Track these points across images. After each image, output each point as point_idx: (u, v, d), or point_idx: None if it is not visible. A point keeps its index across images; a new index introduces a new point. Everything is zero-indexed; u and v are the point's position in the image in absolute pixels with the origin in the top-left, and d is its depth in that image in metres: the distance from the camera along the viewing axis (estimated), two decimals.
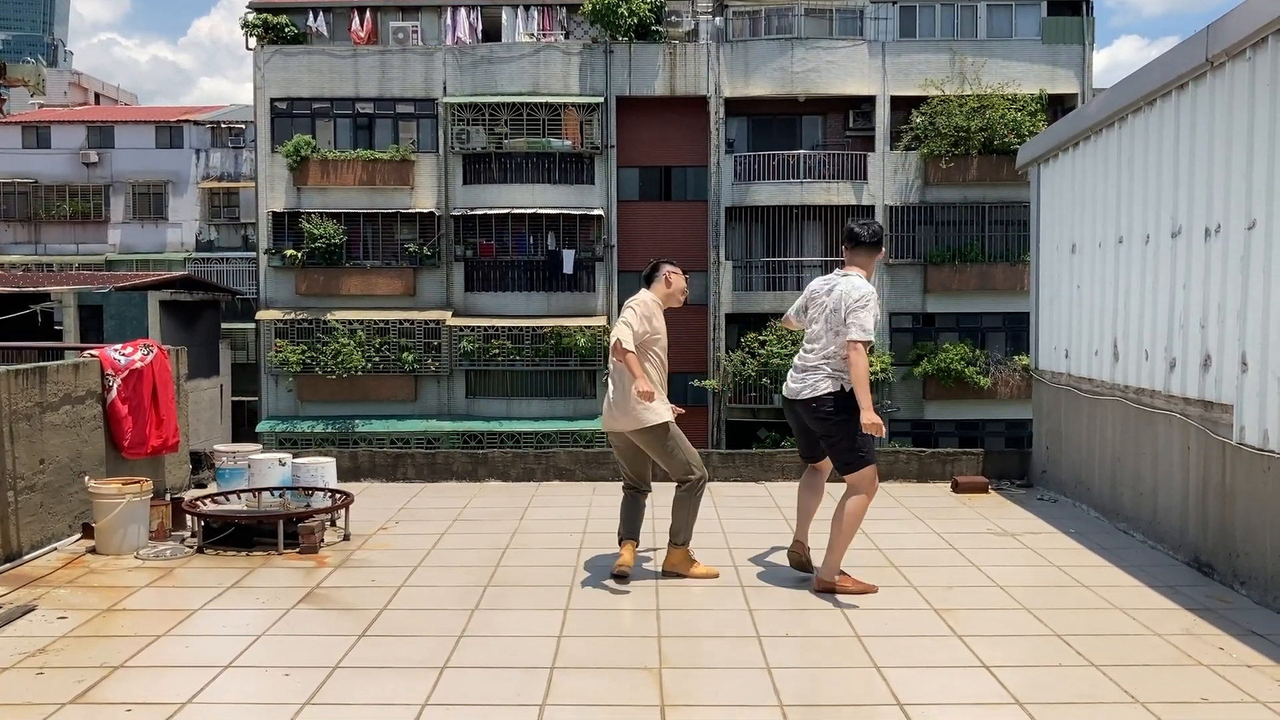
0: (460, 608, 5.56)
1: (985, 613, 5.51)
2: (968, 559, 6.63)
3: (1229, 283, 5.90)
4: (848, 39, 29.98)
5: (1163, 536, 6.83)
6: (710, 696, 4.35)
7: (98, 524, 6.68)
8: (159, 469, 8.11)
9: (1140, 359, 7.14)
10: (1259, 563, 5.66)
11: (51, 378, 6.89)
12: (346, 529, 7.18)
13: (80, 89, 58.24)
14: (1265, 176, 5.50)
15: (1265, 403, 5.52)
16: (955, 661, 4.77)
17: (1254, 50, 5.66)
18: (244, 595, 5.83)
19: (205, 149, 45.47)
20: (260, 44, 30.60)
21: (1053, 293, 9.05)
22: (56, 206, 44.60)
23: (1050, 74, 29.86)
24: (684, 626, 5.27)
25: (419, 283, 30.50)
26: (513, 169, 30.29)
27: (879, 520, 7.71)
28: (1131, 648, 4.94)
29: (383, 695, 4.35)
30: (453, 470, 9.57)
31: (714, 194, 30.18)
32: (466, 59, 30.27)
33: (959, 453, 9.54)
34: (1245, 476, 5.77)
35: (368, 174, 30.17)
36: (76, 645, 4.97)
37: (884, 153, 29.97)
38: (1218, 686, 4.44)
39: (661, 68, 30.19)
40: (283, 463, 7.76)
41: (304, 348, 29.87)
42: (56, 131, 45.35)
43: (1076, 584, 6.06)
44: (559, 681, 4.49)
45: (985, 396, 29.12)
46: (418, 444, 28.99)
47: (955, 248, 29.93)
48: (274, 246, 30.44)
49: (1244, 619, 5.34)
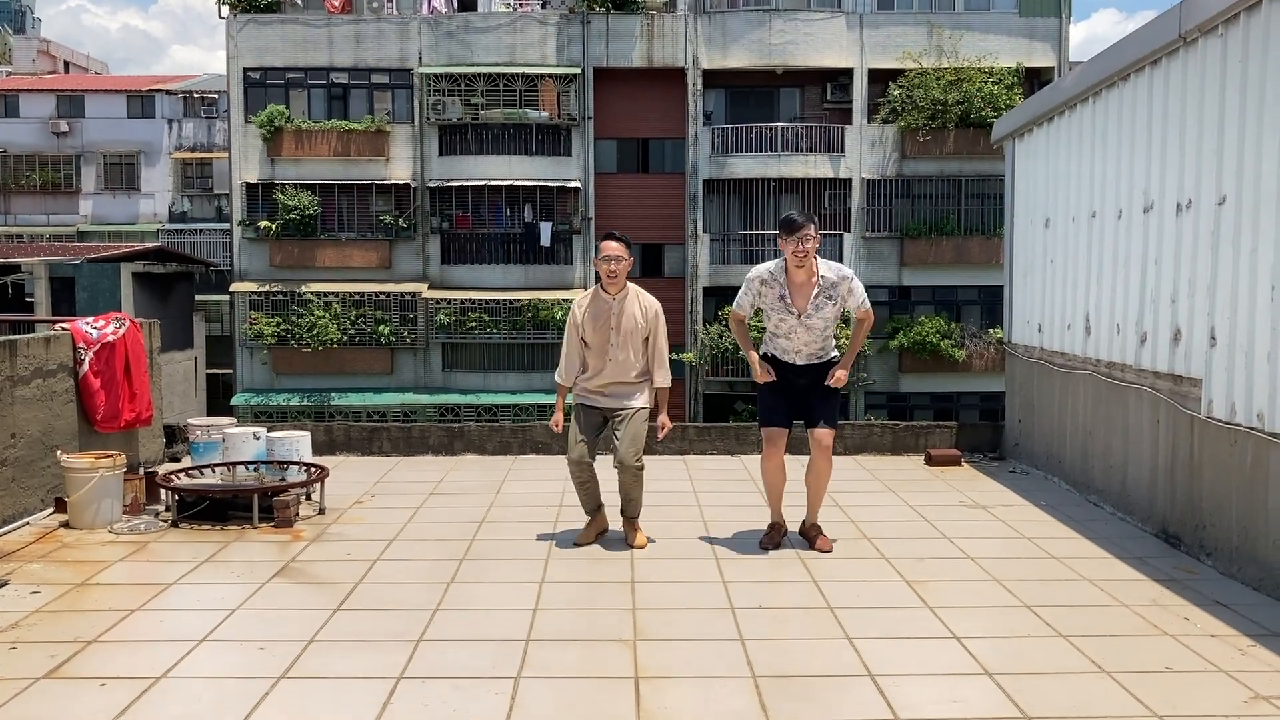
0: (436, 581, 5.58)
1: (956, 584, 5.58)
2: (940, 531, 6.70)
3: (1199, 258, 5.95)
4: (825, 11, 29.87)
5: (1132, 509, 6.92)
6: (684, 668, 4.39)
7: (70, 498, 6.65)
8: (132, 443, 8.06)
9: (1112, 333, 7.20)
10: (1224, 534, 5.75)
11: (22, 351, 6.83)
12: (322, 503, 7.17)
13: (49, 57, 57.32)
14: (1236, 152, 5.55)
15: (1233, 377, 5.59)
16: (926, 632, 4.83)
17: (1226, 26, 5.69)
18: (219, 569, 5.83)
19: (178, 119, 44.88)
20: (233, 12, 30.18)
21: (1026, 267, 9.10)
22: (26, 177, 43.98)
23: (1027, 47, 29.87)
24: (658, 599, 5.31)
25: (395, 255, 30.32)
26: (489, 140, 30.08)
27: (852, 493, 7.78)
28: (1099, 618, 5.01)
29: (358, 668, 4.37)
30: (429, 444, 9.56)
31: (692, 166, 30.09)
32: (442, 29, 29.98)
33: (933, 426, 9.61)
34: (1213, 449, 5.85)
35: (342, 145, 29.89)
36: (50, 620, 4.96)
37: (861, 125, 29.94)
38: (1183, 656, 4.52)
39: (639, 39, 30.02)
40: (257, 436, 7.73)
41: (279, 320, 29.67)
42: (25, 100, 44.65)
43: (1047, 555, 6.14)
44: (534, 654, 4.52)
45: (960, 369, 29.29)
46: (394, 417, 28.93)
47: (931, 221, 30.00)
48: (248, 218, 30.16)
49: (1209, 589, 5.43)
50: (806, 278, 6.01)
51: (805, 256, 5.93)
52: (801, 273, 6.00)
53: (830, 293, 6.02)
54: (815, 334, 6.07)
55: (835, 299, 6.03)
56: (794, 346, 6.12)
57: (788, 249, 5.95)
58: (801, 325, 6.03)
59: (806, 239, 5.88)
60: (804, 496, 6.34)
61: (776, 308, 6.06)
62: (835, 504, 7.38)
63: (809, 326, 6.04)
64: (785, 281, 6.03)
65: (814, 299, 5.99)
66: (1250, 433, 5.44)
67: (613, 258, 6.11)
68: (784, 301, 6.02)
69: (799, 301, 6.01)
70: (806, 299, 6.00)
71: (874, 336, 29.54)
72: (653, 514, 7.14)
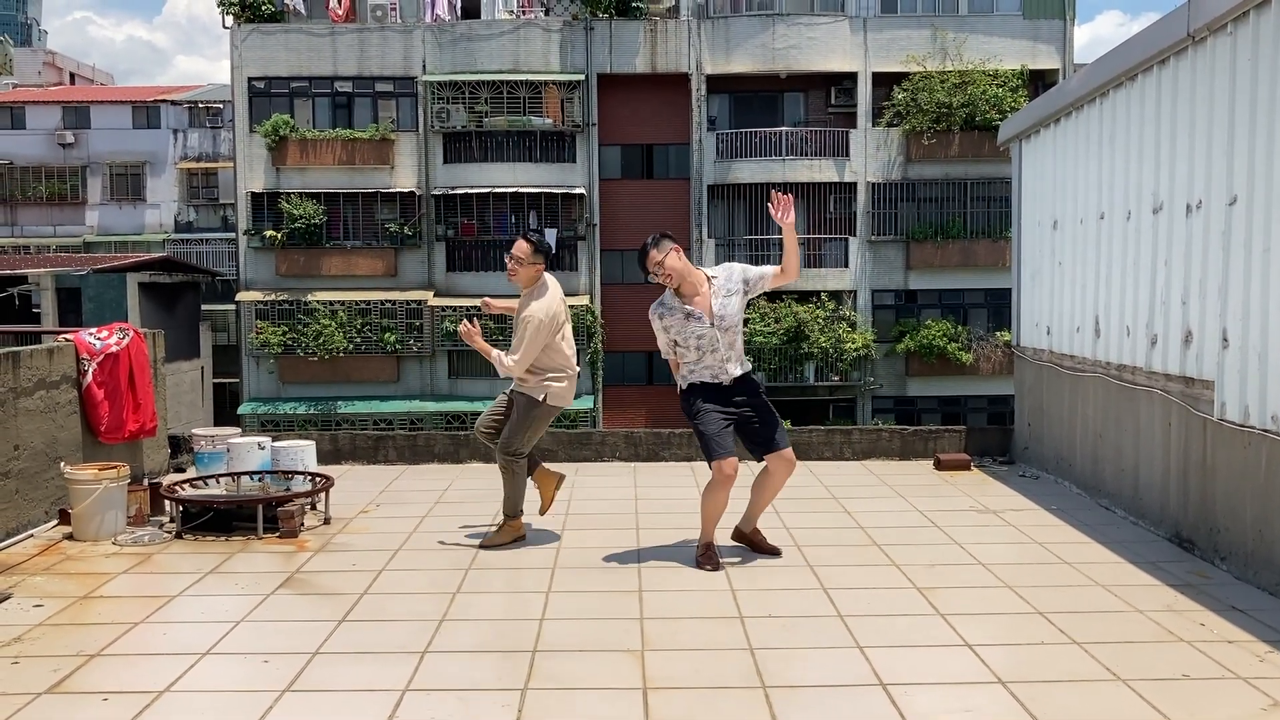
0: (441, 591, 5.53)
1: (968, 591, 5.52)
2: (950, 537, 6.64)
3: (1210, 259, 5.89)
4: (829, 15, 29.85)
5: (1144, 512, 6.85)
6: (693, 678, 4.33)
7: (74, 510, 6.61)
8: (136, 454, 8.03)
9: (1122, 335, 7.14)
10: (1239, 538, 5.68)
11: (25, 362, 6.80)
12: (327, 512, 7.13)
13: (55, 69, 57.52)
14: (1246, 152, 5.49)
15: (1245, 379, 5.52)
16: (938, 640, 4.77)
17: (1235, 25, 5.63)
18: (223, 581, 5.78)
19: (183, 129, 45.00)
20: (237, 22, 30.26)
21: (1034, 269, 9.04)
22: (33, 188, 44.10)
23: (1032, 49, 29.81)
24: (666, 608, 5.25)
25: (400, 263, 30.33)
26: (493, 148, 30.09)
27: (861, 499, 7.72)
28: (1113, 624, 4.95)
29: (363, 680, 4.32)
30: (434, 452, 9.52)
31: (696, 172, 30.07)
32: (446, 36, 30.01)
33: (941, 430, 9.54)
34: (1226, 452, 5.78)
35: (347, 153, 29.92)
36: (53, 633, 4.92)
37: (866, 129, 29.90)
38: (1199, 662, 4.45)
39: (642, 44, 30.01)
40: (262, 446, 7.70)
41: (285, 329, 29.69)
42: (31, 112, 44.80)
43: (1059, 561, 6.07)
44: (541, 664, 4.47)
45: (968, 373, 29.22)
46: (400, 425, 28.91)
47: (937, 224, 29.93)
48: (253, 227, 30.20)
49: (1224, 594, 5.36)
50: (695, 287, 5.93)
51: (669, 277, 5.88)
52: (689, 286, 5.92)
53: (727, 287, 5.94)
54: (734, 333, 5.95)
55: (733, 290, 5.94)
56: (720, 359, 5.96)
57: (655, 278, 5.95)
58: (719, 330, 5.90)
59: (656, 265, 5.87)
60: (800, 502, 6.26)
61: (691, 329, 5.92)
62: (844, 510, 7.33)
63: (726, 328, 5.91)
64: (680, 304, 5.93)
65: (716, 299, 5.91)
66: (1265, 435, 5.37)
67: (514, 256, 6.57)
68: (693, 319, 5.91)
69: (705, 308, 5.91)
70: (708, 302, 5.91)
71: (881, 340, 29.49)
72: (658, 521, 7.10)
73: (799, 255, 6.06)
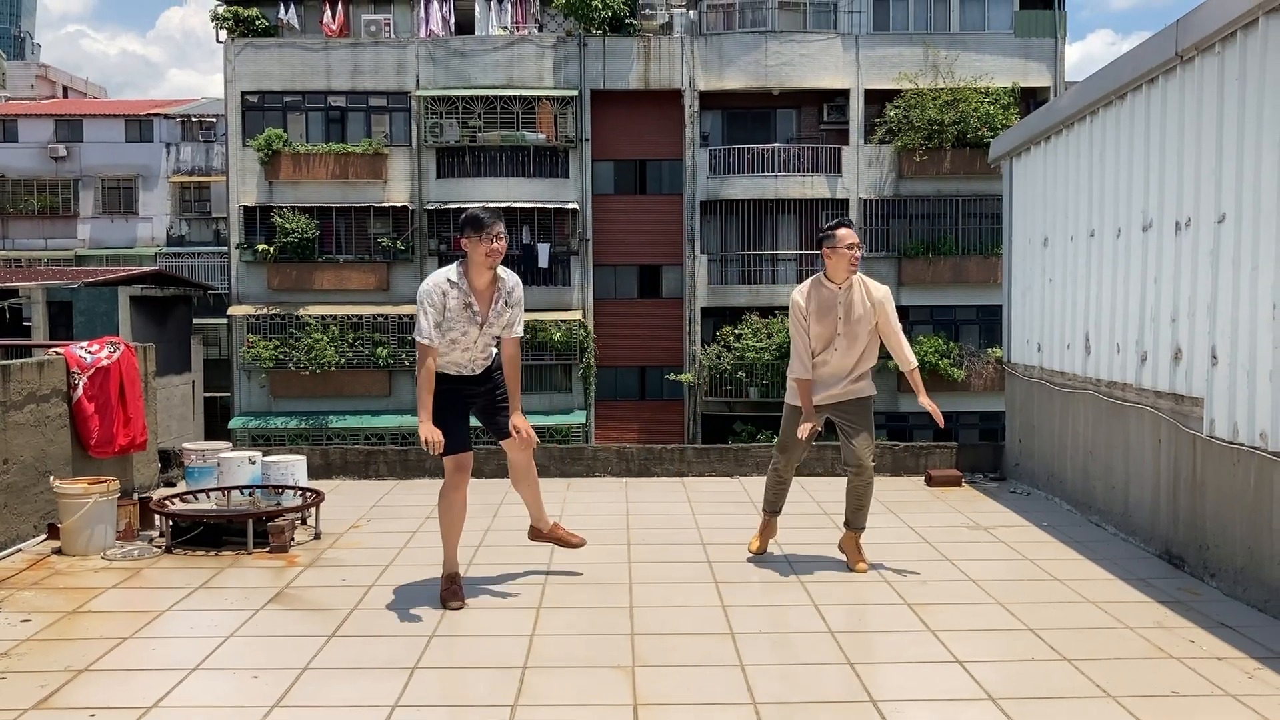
0: (432, 607, 5.51)
1: (959, 607, 5.52)
2: (941, 553, 6.64)
3: (1199, 277, 5.92)
4: (821, 32, 30.01)
5: (1134, 529, 6.87)
6: (684, 695, 4.32)
7: (63, 524, 6.59)
8: (126, 468, 8.00)
9: (1112, 352, 7.17)
10: (1229, 555, 5.70)
11: (15, 376, 6.78)
12: (317, 528, 7.11)
13: (48, 82, 57.47)
14: (1234, 170, 5.52)
15: (1235, 396, 5.54)
16: (929, 657, 4.76)
17: (1223, 45, 5.68)
18: (212, 596, 5.76)
19: (175, 143, 44.97)
20: (231, 37, 30.30)
21: (1025, 286, 9.07)
22: (24, 201, 44.02)
23: (1023, 67, 29.99)
24: (657, 624, 5.24)
25: (393, 277, 30.32)
26: (487, 163, 30.15)
27: None
28: (1103, 641, 4.95)
29: (353, 697, 4.30)
30: (425, 467, 9.50)
31: (689, 187, 30.14)
32: (439, 52, 30.09)
33: (932, 446, 9.56)
34: (1215, 469, 5.80)
35: (340, 168, 29.94)
36: (40, 648, 4.89)
37: (858, 146, 30.02)
38: (1188, 679, 4.45)
39: (636, 61, 30.12)
40: (252, 461, 7.67)
41: (277, 343, 29.64)
42: (23, 125, 44.74)
43: (1049, 577, 6.08)
44: (531, 681, 4.45)
45: (959, 389, 29.24)
46: (392, 440, 28.84)
47: (929, 241, 30.04)
48: (246, 241, 30.18)
49: (1214, 611, 5.37)
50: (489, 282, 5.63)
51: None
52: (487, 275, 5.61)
53: (508, 299, 5.66)
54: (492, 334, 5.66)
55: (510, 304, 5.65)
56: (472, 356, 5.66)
57: (481, 249, 5.55)
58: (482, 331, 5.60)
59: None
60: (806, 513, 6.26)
61: (462, 317, 5.58)
62: (835, 526, 7.32)
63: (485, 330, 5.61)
64: (469, 288, 5.60)
65: (494, 306, 5.64)
66: (1254, 452, 5.39)
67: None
68: (469, 310, 5.59)
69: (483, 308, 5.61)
70: (488, 305, 5.63)
71: None
72: (651, 537, 7.09)
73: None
